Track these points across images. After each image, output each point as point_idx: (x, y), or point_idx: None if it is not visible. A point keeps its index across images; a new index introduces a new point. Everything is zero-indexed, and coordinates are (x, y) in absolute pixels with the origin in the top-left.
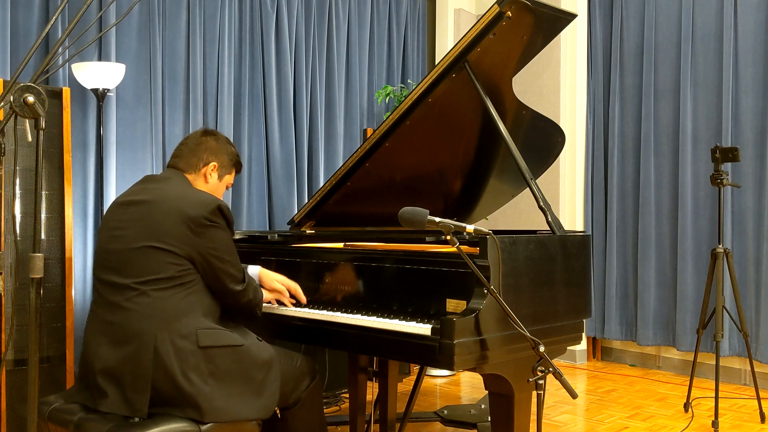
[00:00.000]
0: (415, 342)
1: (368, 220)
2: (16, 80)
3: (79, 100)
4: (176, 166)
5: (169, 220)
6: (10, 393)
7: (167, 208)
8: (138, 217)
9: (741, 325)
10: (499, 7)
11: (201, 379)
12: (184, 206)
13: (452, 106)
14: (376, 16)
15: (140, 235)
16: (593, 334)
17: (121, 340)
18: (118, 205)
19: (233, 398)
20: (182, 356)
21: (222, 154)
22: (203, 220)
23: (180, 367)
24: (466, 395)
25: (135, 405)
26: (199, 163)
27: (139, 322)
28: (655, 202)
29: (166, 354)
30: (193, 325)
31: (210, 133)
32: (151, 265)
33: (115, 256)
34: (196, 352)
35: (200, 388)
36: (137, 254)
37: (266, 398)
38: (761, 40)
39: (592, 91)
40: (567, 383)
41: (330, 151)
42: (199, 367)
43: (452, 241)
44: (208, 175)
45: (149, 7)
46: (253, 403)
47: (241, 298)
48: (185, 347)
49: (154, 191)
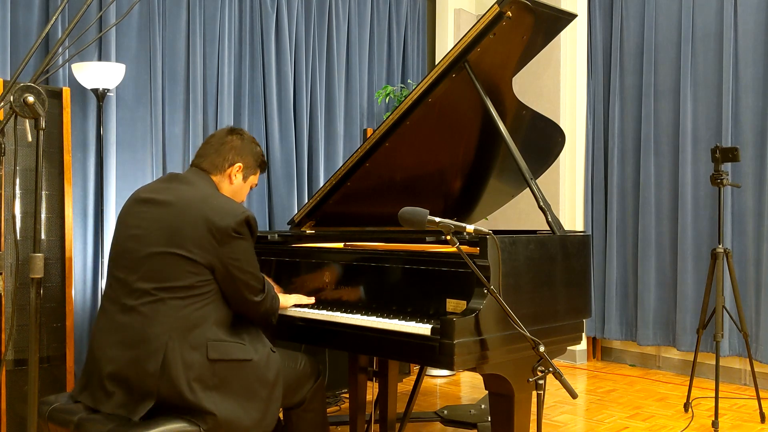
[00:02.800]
0: (415, 342)
1: (368, 220)
2: (16, 80)
3: (79, 100)
4: (200, 166)
5: (193, 227)
6: (10, 393)
7: (192, 215)
8: (159, 218)
9: (741, 325)
10: (499, 7)
11: (205, 391)
12: (210, 214)
13: (452, 106)
14: (376, 16)
15: (161, 239)
16: (593, 334)
17: (131, 344)
18: (139, 202)
19: (236, 413)
20: (190, 367)
21: (247, 155)
22: (231, 231)
23: (186, 378)
24: (466, 395)
25: (137, 411)
26: (225, 163)
27: (151, 328)
28: (655, 202)
29: (174, 363)
30: (204, 336)
31: (236, 132)
32: (170, 272)
33: (131, 256)
34: (204, 365)
35: (203, 399)
36: (156, 259)
37: (269, 416)
38: (761, 40)
39: (592, 91)
40: (567, 383)
41: (330, 151)
42: (205, 379)
43: (452, 241)
44: (233, 176)
45: (149, 7)
46: (255, 418)
47: (260, 308)
48: (194, 359)
49: (177, 192)
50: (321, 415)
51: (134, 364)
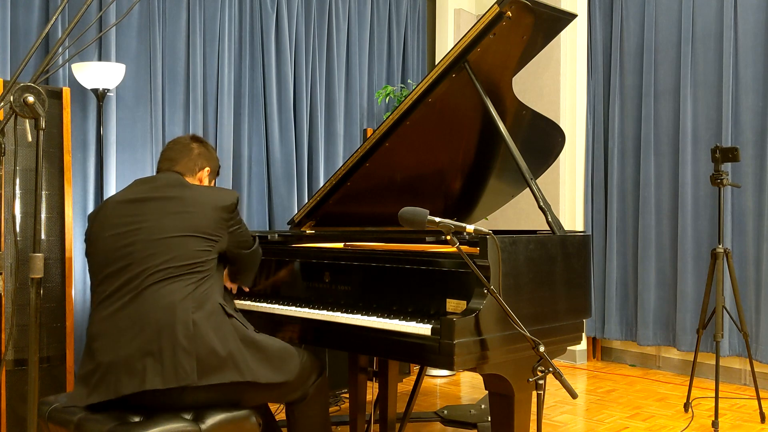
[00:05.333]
0: (415, 342)
1: (368, 220)
2: (16, 80)
3: (79, 100)
4: (173, 169)
5: (205, 211)
6: (10, 393)
7: (203, 202)
8: (167, 210)
9: (741, 325)
10: (499, 7)
11: (235, 344)
12: (217, 199)
13: (452, 106)
14: (376, 16)
15: (175, 225)
16: (593, 334)
17: (152, 321)
18: (124, 203)
19: (263, 363)
20: (216, 326)
21: (213, 160)
22: (233, 207)
23: (217, 335)
24: (466, 395)
25: (181, 373)
26: (195, 167)
27: (169, 301)
28: (655, 202)
29: (202, 324)
30: (216, 300)
31: (199, 140)
32: (185, 252)
33: (133, 248)
34: (226, 322)
35: (236, 352)
36: (171, 242)
37: (288, 364)
38: (761, 40)
39: (592, 91)
40: (567, 383)
41: (330, 151)
42: (231, 334)
43: (452, 241)
44: (202, 179)
45: (149, 7)
46: (279, 366)
47: (253, 257)
48: (218, 319)
49: (178, 189)
50: (323, 411)
51: (161, 336)
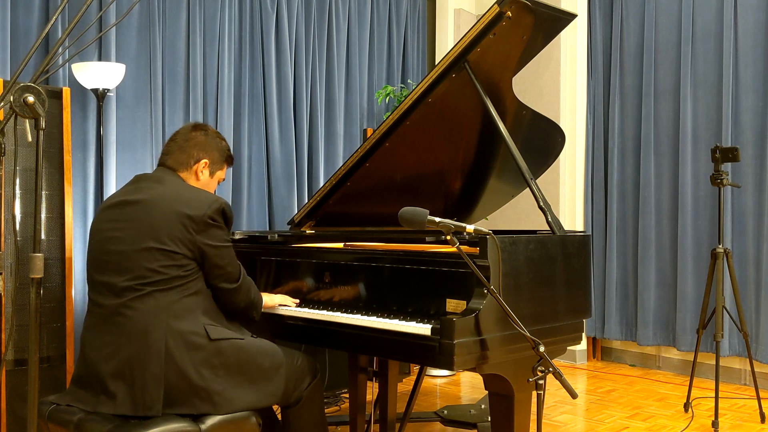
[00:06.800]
0: (415, 342)
1: (368, 220)
2: (16, 80)
3: (79, 100)
4: (165, 164)
5: (168, 220)
6: (10, 393)
7: (165, 208)
8: (135, 217)
9: (741, 325)
10: (499, 7)
11: (212, 372)
12: (182, 207)
13: (452, 106)
14: (376, 16)
15: (139, 235)
16: (593, 334)
17: (126, 342)
18: (110, 208)
19: (244, 387)
20: (193, 351)
21: (213, 150)
22: (207, 219)
23: (191, 362)
24: (466, 395)
25: (148, 402)
26: (190, 160)
27: (144, 322)
28: (655, 202)
29: (176, 350)
30: (199, 322)
31: (199, 128)
32: (152, 266)
33: (113, 257)
34: (208, 346)
35: (211, 381)
36: (139, 255)
37: (274, 384)
38: (761, 40)
39: (592, 91)
40: (567, 383)
41: (330, 151)
42: (210, 360)
43: (452, 241)
44: (199, 172)
45: (149, 7)
46: (264, 390)
47: (235, 297)
48: (197, 341)
49: (148, 190)
50: (319, 414)
51: (135, 359)
